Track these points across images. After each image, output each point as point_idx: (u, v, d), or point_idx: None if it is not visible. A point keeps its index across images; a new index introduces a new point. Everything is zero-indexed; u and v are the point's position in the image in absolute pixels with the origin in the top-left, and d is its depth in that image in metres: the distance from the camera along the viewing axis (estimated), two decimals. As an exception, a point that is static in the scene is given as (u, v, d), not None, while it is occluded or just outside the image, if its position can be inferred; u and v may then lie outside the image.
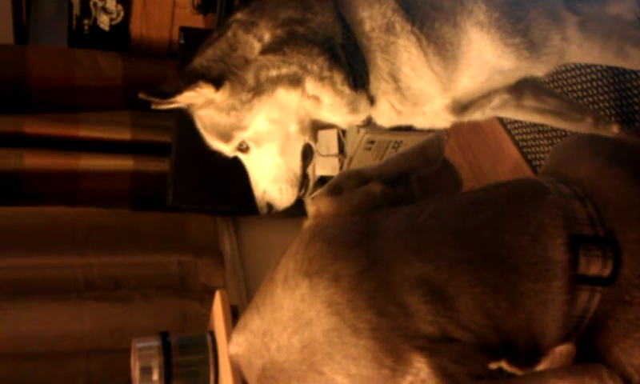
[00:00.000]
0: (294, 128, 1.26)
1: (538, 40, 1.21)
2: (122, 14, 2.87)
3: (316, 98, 1.23)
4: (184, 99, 1.25)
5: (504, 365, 0.73)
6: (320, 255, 0.69)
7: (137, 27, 2.89)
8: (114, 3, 2.85)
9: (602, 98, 1.67)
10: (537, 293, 0.69)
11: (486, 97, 1.32)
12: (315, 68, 1.21)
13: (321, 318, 0.66)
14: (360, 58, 1.24)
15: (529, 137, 1.89)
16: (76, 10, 2.86)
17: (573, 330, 0.72)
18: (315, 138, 1.31)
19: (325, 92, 1.22)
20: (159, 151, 2.69)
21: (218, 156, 1.34)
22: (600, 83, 1.66)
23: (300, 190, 1.33)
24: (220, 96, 1.23)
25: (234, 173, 1.37)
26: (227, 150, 1.30)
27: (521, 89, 1.40)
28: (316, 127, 1.30)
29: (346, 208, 0.75)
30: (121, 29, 2.90)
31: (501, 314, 0.68)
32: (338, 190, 0.78)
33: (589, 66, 1.69)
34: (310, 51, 1.21)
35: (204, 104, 1.26)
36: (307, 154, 1.31)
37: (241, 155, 1.32)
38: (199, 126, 1.31)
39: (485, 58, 1.23)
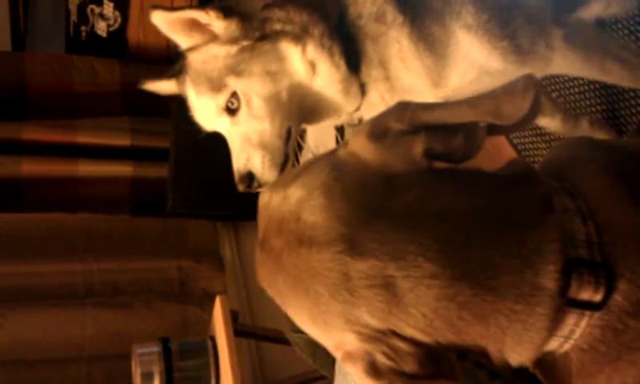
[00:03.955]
0: (284, 95, 1.26)
1: (524, 44, 1.22)
2: (119, 20, 2.87)
3: (313, 65, 1.23)
4: (192, 17, 1.24)
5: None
6: (322, 201, 0.69)
7: (134, 33, 2.89)
8: (111, 10, 2.85)
9: (598, 101, 1.68)
10: (516, 313, 0.67)
11: None
12: (316, 33, 1.21)
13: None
14: (352, 44, 1.25)
15: (527, 140, 1.90)
16: (73, 17, 2.86)
17: (557, 348, 0.71)
18: (298, 124, 1.31)
19: (323, 60, 1.22)
20: (158, 157, 2.69)
21: (216, 161, 1.34)
22: (597, 86, 1.67)
23: (281, 169, 1.32)
24: (226, 26, 1.22)
25: (233, 177, 1.37)
26: (214, 107, 1.27)
27: None
28: (302, 110, 1.30)
29: (378, 161, 0.70)
30: (118, 35, 2.90)
31: (463, 325, 0.67)
32: (382, 133, 0.71)
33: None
34: (311, 15, 1.22)
35: (205, 42, 1.25)
36: (289, 136, 1.31)
37: (227, 123, 1.30)
38: (190, 78, 1.29)
39: (473, 58, 1.24)
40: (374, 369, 0.68)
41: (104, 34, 2.90)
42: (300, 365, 2.09)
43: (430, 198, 0.68)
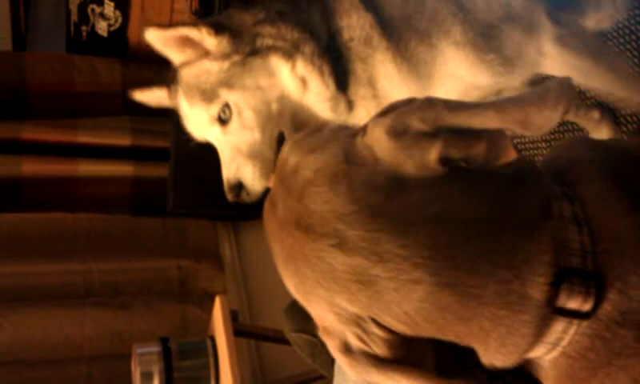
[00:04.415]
0: (275, 107, 1.27)
1: (512, 55, 1.24)
2: (119, 19, 2.87)
3: (303, 81, 1.25)
4: (185, 34, 1.27)
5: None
6: (325, 192, 0.69)
7: (135, 33, 2.89)
8: (111, 9, 2.85)
9: (597, 100, 1.67)
10: (499, 318, 0.67)
11: None
12: (307, 50, 1.24)
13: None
14: (341, 64, 1.27)
15: (527, 138, 1.90)
16: (74, 17, 2.86)
17: (545, 354, 0.71)
18: (291, 133, 1.32)
19: (314, 77, 1.25)
20: (159, 156, 2.69)
21: (217, 161, 1.34)
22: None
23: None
24: (218, 43, 1.25)
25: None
26: (206, 117, 1.29)
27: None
28: (294, 121, 1.31)
29: (391, 159, 0.69)
30: (119, 35, 2.90)
31: (445, 324, 0.68)
32: (401, 131, 0.69)
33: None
34: (302, 33, 1.25)
35: (198, 57, 1.27)
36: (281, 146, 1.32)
37: (218, 133, 1.30)
38: (182, 91, 1.31)
39: (460, 75, 1.26)
40: (345, 347, 0.72)
41: (105, 34, 2.90)
42: (300, 364, 2.09)
43: (432, 201, 0.68)
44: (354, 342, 0.72)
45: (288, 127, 1.29)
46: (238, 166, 1.28)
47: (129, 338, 2.28)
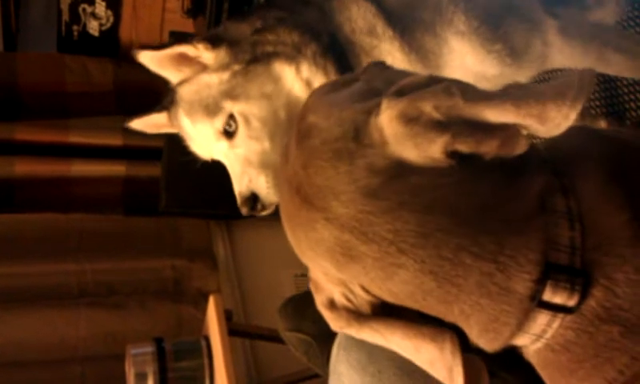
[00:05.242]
0: (283, 114, 1.24)
1: (519, 46, 1.21)
2: (111, 19, 2.86)
3: (309, 84, 1.22)
4: (180, 51, 1.24)
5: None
6: (327, 168, 0.70)
7: (126, 32, 2.88)
8: (103, 9, 2.84)
9: (594, 95, 1.67)
10: (480, 305, 0.67)
11: None
12: (309, 52, 1.21)
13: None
14: (346, 60, 1.24)
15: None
16: (65, 16, 2.85)
17: (530, 344, 0.71)
18: None
19: (319, 79, 1.21)
20: (151, 156, 2.68)
21: (210, 160, 1.33)
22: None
23: None
24: (215, 56, 1.22)
25: (226, 176, 1.36)
26: (211, 132, 1.25)
27: None
28: None
29: (397, 144, 0.67)
30: (110, 34, 2.89)
31: (427, 304, 0.69)
32: (413, 117, 0.67)
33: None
34: (302, 35, 1.22)
35: (195, 72, 1.24)
36: None
37: (225, 147, 1.29)
38: (183, 110, 1.27)
39: (467, 66, 1.23)
40: (330, 303, 0.77)
41: (96, 34, 2.89)
42: (294, 363, 2.09)
43: (428, 189, 0.67)
44: (340, 300, 0.75)
45: None
46: (250, 178, 1.24)
47: (123, 339, 2.28)
